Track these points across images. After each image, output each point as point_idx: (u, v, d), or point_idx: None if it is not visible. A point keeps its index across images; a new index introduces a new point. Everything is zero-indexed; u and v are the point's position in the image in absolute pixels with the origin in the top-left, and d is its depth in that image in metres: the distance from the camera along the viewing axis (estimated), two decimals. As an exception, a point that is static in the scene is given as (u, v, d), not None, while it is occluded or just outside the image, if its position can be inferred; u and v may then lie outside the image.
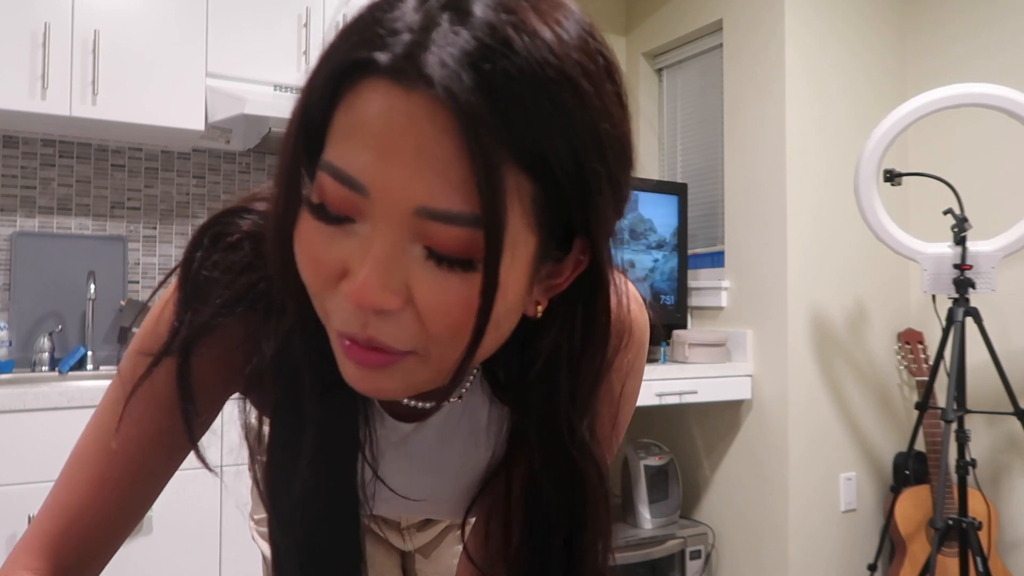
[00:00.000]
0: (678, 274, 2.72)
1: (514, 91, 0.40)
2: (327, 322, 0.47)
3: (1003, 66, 2.43)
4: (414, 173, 0.40)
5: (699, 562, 2.58)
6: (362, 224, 0.43)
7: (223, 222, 0.58)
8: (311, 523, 0.59)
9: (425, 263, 0.43)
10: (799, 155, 2.50)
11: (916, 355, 2.49)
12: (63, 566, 0.59)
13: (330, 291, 0.45)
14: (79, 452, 0.61)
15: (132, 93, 2.14)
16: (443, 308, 0.43)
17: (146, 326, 0.60)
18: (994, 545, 2.29)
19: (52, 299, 2.32)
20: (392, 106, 0.40)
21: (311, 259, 0.45)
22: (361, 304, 0.42)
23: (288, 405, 0.57)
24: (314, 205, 0.44)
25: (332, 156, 0.43)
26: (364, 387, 0.47)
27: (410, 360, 0.46)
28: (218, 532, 1.94)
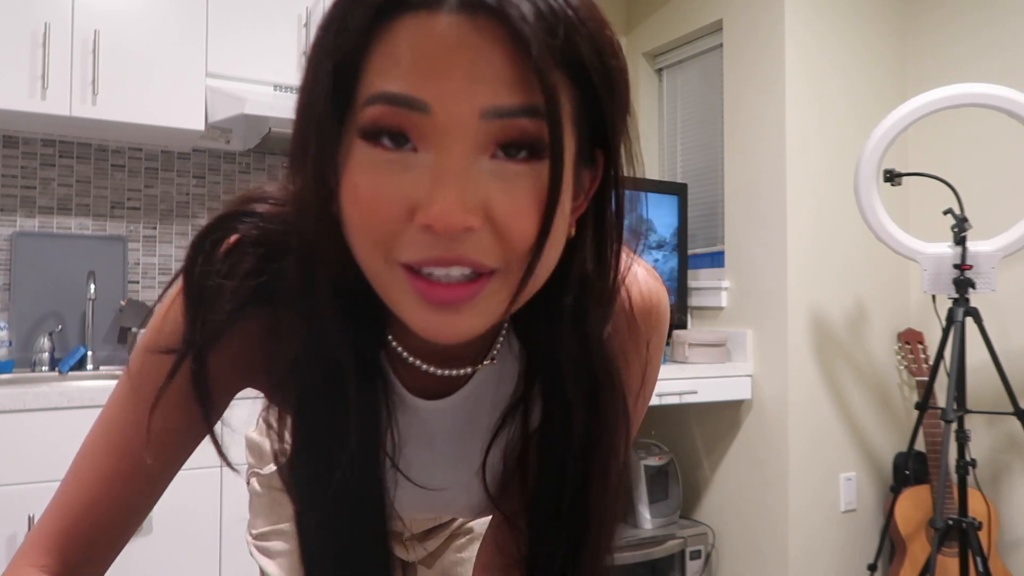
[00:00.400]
0: (678, 274, 2.72)
1: (551, 5, 0.44)
2: (389, 267, 0.46)
3: (1003, 66, 2.43)
4: (473, 80, 0.43)
5: (699, 562, 2.58)
6: (424, 152, 0.44)
7: (222, 227, 0.57)
8: (343, 517, 0.59)
9: (494, 173, 0.44)
10: (799, 155, 2.50)
11: (916, 355, 2.49)
12: (70, 562, 0.60)
13: (397, 228, 0.45)
14: (87, 448, 0.61)
15: (132, 93, 2.14)
16: (518, 212, 0.45)
17: (153, 324, 0.60)
18: (994, 545, 2.29)
19: (52, 299, 2.32)
20: (441, 30, 0.43)
21: (373, 201, 0.45)
22: (447, 228, 0.43)
23: (314, 399, 0.56)
24: (369, 135, 0.44)
25: (383, 85, 0.44)
26: (438, 330, 0.47)
27: (492, 283, 0.46)
28: (218, 532, 1.94)
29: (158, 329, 0.59)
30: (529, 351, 0.60)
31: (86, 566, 0.61)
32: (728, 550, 2.64)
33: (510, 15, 0.42)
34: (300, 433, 0.57)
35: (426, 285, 0.45)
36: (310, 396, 0.56)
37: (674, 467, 2.66)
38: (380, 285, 0.48)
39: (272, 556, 0.88)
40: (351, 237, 0.47)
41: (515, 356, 0.62)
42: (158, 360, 0.58)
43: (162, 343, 0.58)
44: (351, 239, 0.47)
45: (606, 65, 0.47)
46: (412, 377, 0.61)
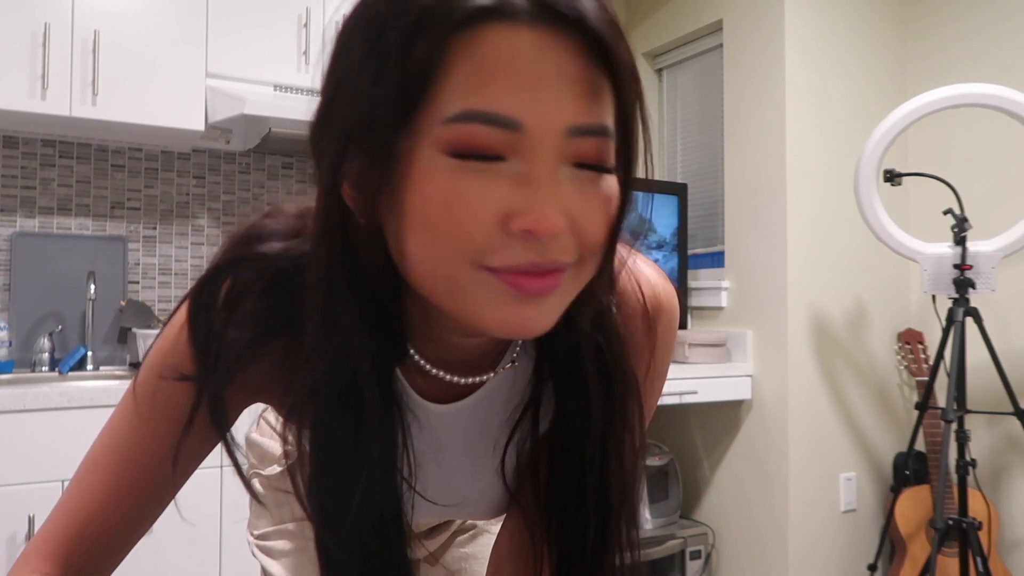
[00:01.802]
0: (678, 274, 2.72)
1: (611, 18, 0.47)
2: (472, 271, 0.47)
3: (1003, 66, 2.43)
4: (562, 98, 0.45)
5: (699, 562, 2.58)
6: (513, 161, 0.45)
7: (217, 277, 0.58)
8: (364, 536, 0.59)
9: (572, 180, 0.47)
10: (799, 155, 2.50)
11: (916, 355, 2.49)
12: (73, 570, 0.60)
13: (487, 235, 0.46)
14: (93, 458, 0.62)
15: (132, 93, 2.14)
16: (592, 215, 0.48)
17: (161, 347, 0.60)
18: (994, 545, 2.29)
19: (52, 299, 2.32)
20: (525, 42, 0.44)
21: (463, 208, 0.45)
22: (548, 232, 0.45)
23: (335, 420, 0.56)
24: (457, 154, 0.45)
25: (473, 104, 0.44)
26: (523, 323, 0.48)
27: (567, 275, 0.49)
28: (218, 532, 1.94)
29: (166, 353, 0.60)
30: (540, 344, 0.61)
31: (88, 573, 0.61)
32: (728, 550, 2.64)
33: (590, 26, 0.45)
34: (320, 454, 0.57)
35: (517, 278, 0.47)
36: (330, 417, 0.56)
37: (674, 467, 2.66)
38: (453, 288, 0.48)
39: (275, 556, 0.88)
40: (422, 243, 0.47)
41: (529, 357, 0.63)
42: (166, 385, 0.59)
43: (172, 370, 0.58)
44: (421, 245, 0.47)
45: (634, 70, 0.50)
46: (427, 384, 0.62)
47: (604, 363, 0.60)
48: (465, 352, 0.60)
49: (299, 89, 2.36)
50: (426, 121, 0.45)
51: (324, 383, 0.54)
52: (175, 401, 0.59)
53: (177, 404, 0.59)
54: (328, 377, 0.54)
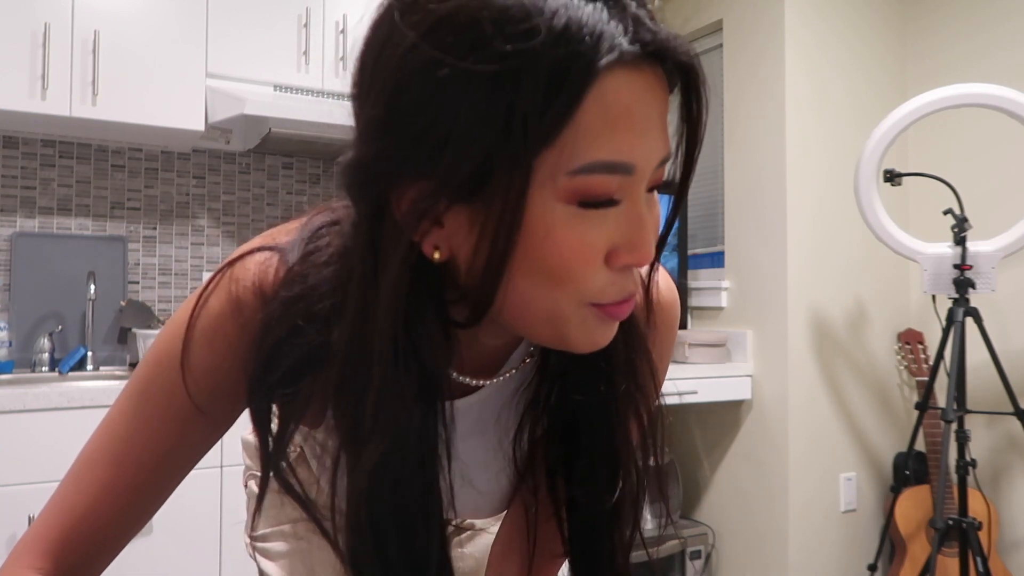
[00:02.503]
0: (678, 274, 2.72)
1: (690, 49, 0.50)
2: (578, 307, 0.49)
3: (1003, 66, 2.43)
4: (661, 136, 0.48)
5: (699, 562, 2.58)
6: (624, 202, 0.48)
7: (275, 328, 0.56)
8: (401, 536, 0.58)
9: (648, 204, 0.50)
10: (799, 155, 2.50)
11: (916, 355, 2.49)
12: (66, 566, 0.60)
13: (594, 274, 0.48)
14: (89, 455, 0.61)
15: (132, 93, 2.14)
16: (656, 229, 0.52)
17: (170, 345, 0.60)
18: (994, 545, 2.29)
19: (52, 299, 2.32)
20: (643, 85, 0.46)
21: (582, 254, 0.47)
22: (646, 262, 0.49)
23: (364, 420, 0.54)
24: (584, 204, 0.46)
25: (600, 154, 0.45)
26: (604, 339, 0.52)
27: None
28: (218, 532, 1.94)
29: (169, 348, 0.59)
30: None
31: (82, 570, 0.61)
32: (728, 550, 2.64)
33: (692, 65, 0.49)
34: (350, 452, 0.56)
35: (615, 308, 0.51)
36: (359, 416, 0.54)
37: (674, 467, 2.66)
38: (557, 321, 0.50)
39: (272, 557, 0.87)
40: (543, 289, 0.48)
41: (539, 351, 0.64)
42: (165, 383, 0.59)
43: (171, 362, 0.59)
44: (542, 291, 0.48)
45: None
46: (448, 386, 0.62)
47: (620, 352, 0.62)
48: (484, 355, 0.61)
49: (299, 89, 2.36)
50: (547, 169, 0.44)
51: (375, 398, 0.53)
52: (174, 398, 0.59)
53: (175, 401, 0.59)
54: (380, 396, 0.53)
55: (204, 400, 0.59)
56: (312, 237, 0.57)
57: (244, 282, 0.57)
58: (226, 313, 0.58)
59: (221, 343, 0.58)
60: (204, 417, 0.61)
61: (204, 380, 0.59)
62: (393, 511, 0.57)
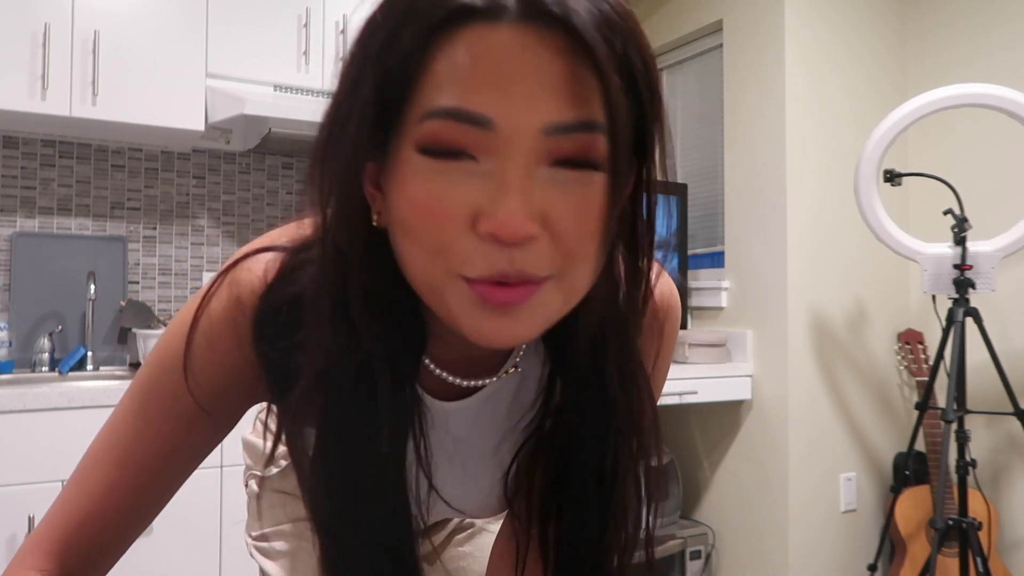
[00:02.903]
0: (678, 274, 2.72)
1: (604, 12, 0.45)
2: (449, 279, 0.46)
3: (1003, 66, 2.43)
4: (536, 94, 0.43)
5: (699, 562, 2.58)
6: (485, 161, 0.44)
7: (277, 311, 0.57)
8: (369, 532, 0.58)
9: (551, 181, 0.45)
10: (799, 155, 2.50)
11: (916, 355, 2.49)
12: (69, 567, 0.60)
13: (458, 238, 0.45)
14: (93, 456, 0.61)
15: (132, 93, 2.14)
16: (576, 220, 0.46)
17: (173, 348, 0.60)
18: (994, 545, 2.29)
19: (52, 299, 2.32)
20: (503, 40, 0.43)
21: (434, 209, 0.45)
22: (513, 236, 0.43)
23: (340, 414, 0.55)
24: (428, 151, 0.45)
25: (443, 100, 0.44)
26: (496, 334, 0.47)
27: (547, 288, 0.47)
28: (218, 532, 1.94)
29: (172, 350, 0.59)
30: (555, 356, 0.60)
31: (85, 570, 0.61)
32: (728, 550, 2.64)
33: (575, 24, 0.43)
34: (328, 444, 0.56)
35: (487, 289, 0.46)
36: (337, 409, 0.55)
37: (674, 467, 2.66)
38: (435, 296, 0.48)
39: (273, 557, 0.87)
40: (406, 247, 0.47)
41: (539, 360, 0.62)
42: (169, 384, 0.59)
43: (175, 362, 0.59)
44: (406, 249, 0.47)
45: (651, 75, 0.48)
46: (431, 382, 0.62)
47: (617, 373, 0.59)
48: (473, 354, 0.60)
49: (299, 89, 2.36)
50: (410, 119, 0.45)
51: (336, 374, 0.54)
52: (177, 400, 0.59)
53: (179, 403, 0.59)
54: (340, 368, 0.53)
55: (207, 401, 0.60)
56: (309, 241, 0.58)
57: (245, 283, 0.58)
58: (227, 314, 0.58)
59: (223, 344, 0.58)
60: (207, 418, 0.61)
61: (207, 381, 0.59)
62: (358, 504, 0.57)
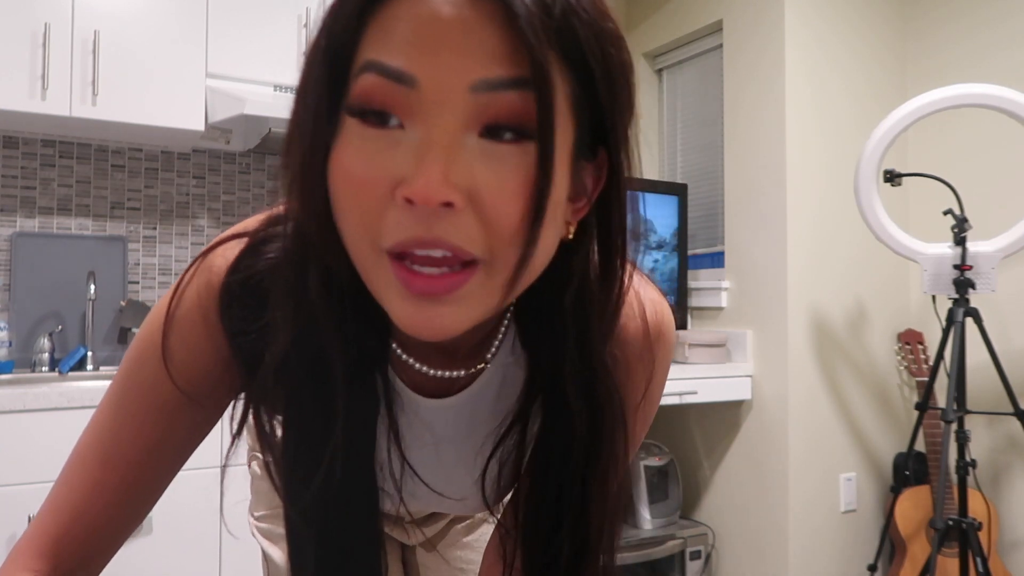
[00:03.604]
0: (678, 274, 2.72)
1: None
2: (375, 255, 0.45)
3: (1003, 66, 2.43)
4: (464, 53, 0.42)
5: (699, 562, 2.58)
6: (412, 129, 0.43)
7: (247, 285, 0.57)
8: (332, 517, 0.58)
9: (481, 152, 0.43)
10: (799, 155, 2.50)
11: (916, 355, 2.49)
12: (63, 566, 0.60)
13: (382, 208, 0.44)
14: (79, 454, 0.61)
15: (132, 93, 2.14)
16: (505, 193, 0.43)
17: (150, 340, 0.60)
18: (994, 545, 2.29)
19: (52, 299, 2.32)
20: (436, 5, 0.42)
21: (358, 176, 0.44)
22: (426, 200, 0.41)
23: (303, 397, 0.55)
24: (356, 111, 0.44)
25: (373, 54, 0.44)
26: (421, 323, 0.45)
27: (475, 278, 0.45)
28: (218, 532, 1.94)
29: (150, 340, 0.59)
30: (532, 361, 0.59)
31: (80, 569, 0.61)
32: (728, 550, 2.64)
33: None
34: (289, 430, 0.56)
35: (409, 274, 0.44)
36: (300, 392, 0.55)
37: (674, 467, 2.66)
38: (367, 276, 0.47)
39: (273, 539, 0.88)
40: (340, 222, 0.46)
41: (521, 364, 0.61)
42: (149, 377, 0.59)
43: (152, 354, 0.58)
44: (340, 224, 0.46)
45: (606, 55, 0.46)
46: (412, 376, 0.61)
47: (594, 392, 0.56)
48: (443, 345, 0.58)
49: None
50: (348, 90, 0.45)
51: (295, 355, 0.53)
52: (158, 390, 0.59)
53: (160, 393, 0.59)
54: (299, 349, 0.53)
55: (189, 386, 0.59)
56: (278, 218, 0.57)
57: (218, 269, 0.58)
58: (200, 301, 0.58)
59: (199, 329, 0.58)
60: (189, 408, 0.60)
61: (186, 368, 0.59)
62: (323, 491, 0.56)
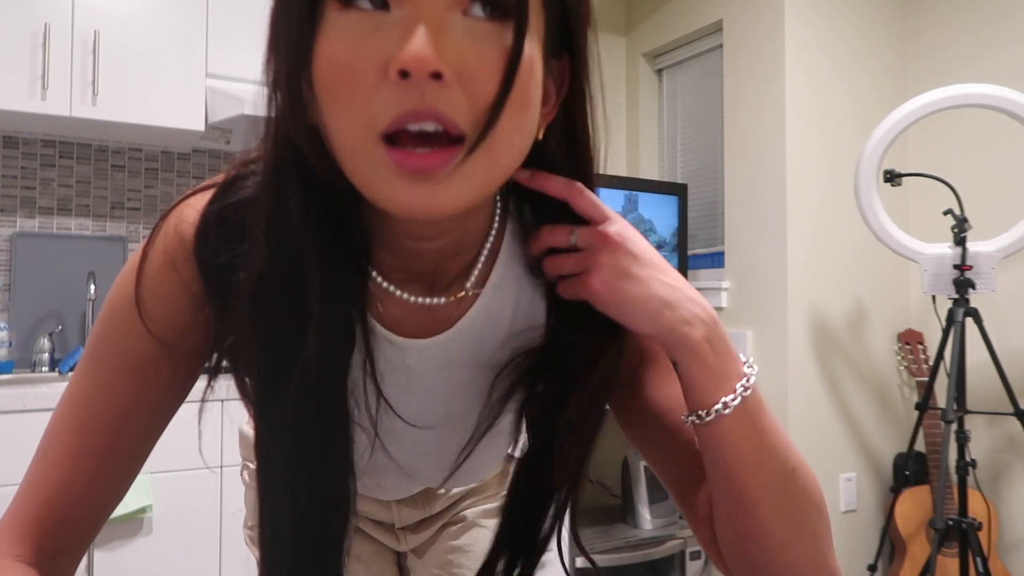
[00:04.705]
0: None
1: None
2: (369, 142, 0.46)
3: (1003, 66, 2.43)
4: None
5: (699, 563, 2.58)
6: (397, 9, 0.45)
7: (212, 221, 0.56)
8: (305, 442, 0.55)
9: (465, 30, 0.45)
10: (799, 155, 2.50)
11: (916, 355, 2.49)
12: (47, 549, 0.58)
13: (372, 91, 0.45)
14: (54, 426, 0.60)
15: (132, 93, 2.14)
16: (487, 67, 0.45)
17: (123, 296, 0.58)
18: (994, 545, 2.29)
19: (52, 299, 2.32)
20: None
21: (345, 62, 0.45)
22: (420, 67, 0.43)
23: (278, 320, 0.53)
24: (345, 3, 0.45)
25: None
26: (416, 202, 0.46)
27: (468, 160, 0.46)
28: (218, 532, 1.94)
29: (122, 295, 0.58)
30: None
31: (63, 554, 0.59)
32: (728, 550, 2.64)
33: None
34: (262, 354, 0.54)
35: (403, 155, 0.45)
36: (275, 315, 0.53)
37: (674, 467, 2.66)
38: (358, 166, 0.47)
39: None
40: (329, 116, 0.47)
41: (501, 302, 0.61)
42: (121, 327, 0.57)
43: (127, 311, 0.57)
44: (329, 119, 0.47)
45: None
46: (393, 315, 0.59)
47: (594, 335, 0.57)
48: (423, 262, 0.58)
49: None
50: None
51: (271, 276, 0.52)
52: (130, 347, 0.57)
53: (132, 351, 0.57)
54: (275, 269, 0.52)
55: (163, 334, 0.57)
56: (250, 160, 0.57)
57: (188, 219, 0.57)
58: (172, 249, 0.57)
59: (171, 278, 0.57)
60: (167, 361, 0.58)
61: (158, 318, 0.57)
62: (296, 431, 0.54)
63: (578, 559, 2.35)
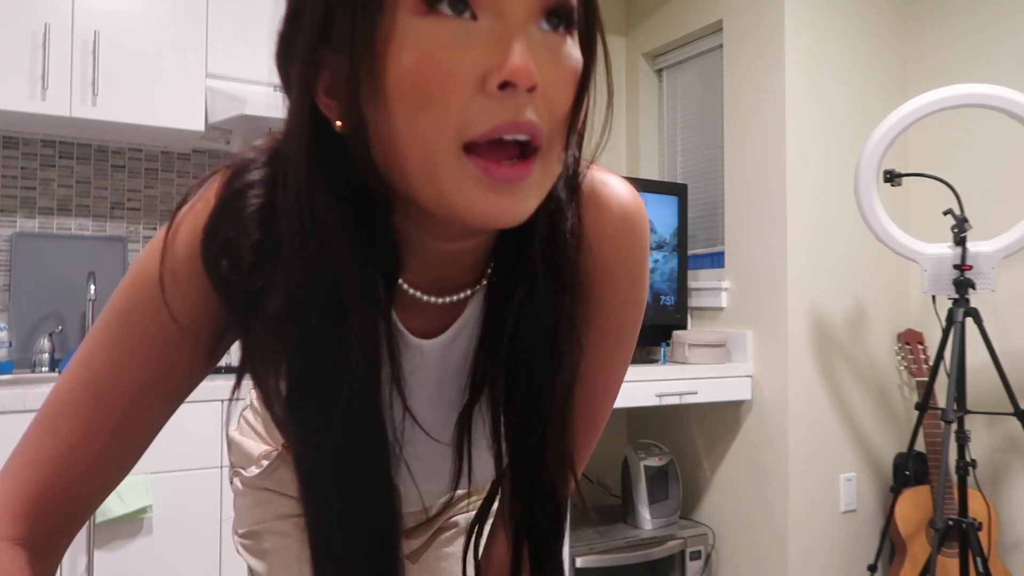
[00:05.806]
0: (678, 275, 2.72)
1: None
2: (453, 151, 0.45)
3: (1003, 66, 2.43)
4: None
5: (699, 563, 2.58)
6: (484, 19, 0.45)
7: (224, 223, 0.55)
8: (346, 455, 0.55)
9: (542, 42, 0.46)
10: (799, 155, 2.50)
11: (916, 355, 2.49)
12: (42, 531, 0.56)
13: (467, 103, 0.45)
14: (63, 399, 0.57)
15: (132, 94, 2.14)
16: (562, 80, 0.47)
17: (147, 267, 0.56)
18: (994, 546, 2.29)
19: (52, 300, 2.32)
20: None
21: (444, 66, 0.44)
22: (528, 80, 0.44)
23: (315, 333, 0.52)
24: (428, 5, 0.44)
25: None
26: (504, 210, 0.47)
27: (538, 163, 0.48)
28: (218, 532, 1.94)
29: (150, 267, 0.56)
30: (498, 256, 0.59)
31: (59, 535, 0.57)
32: (728, 550, 2.64)
33: None
34: (299, 370, 0.54)
35: (492, 165, 0.45)
36: (310, 330, 0.52)
37: (674, 467, 2.66)
38: (430, 173, 0.46)
39: (258, 555, 0.88)
40: (403, 123, 0.46)
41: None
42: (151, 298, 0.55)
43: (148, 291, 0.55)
44: (402, 127, 0.46)
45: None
46: (410, 316, 0.59)
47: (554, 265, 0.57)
48: (447, 264, 0.58)
49: None
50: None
51: (306, 291, 0.51)
52: (159, 320, 0.55)
53: (160, 323, 0.55)
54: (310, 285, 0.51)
55: (186, 319, 0.56)
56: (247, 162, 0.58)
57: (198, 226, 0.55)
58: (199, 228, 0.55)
59: (190, 269, 0.55)
60: (191, 342, 0.57)
61: (184, 298, 0.55)
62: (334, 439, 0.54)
63: (578, 559, 2.35)
